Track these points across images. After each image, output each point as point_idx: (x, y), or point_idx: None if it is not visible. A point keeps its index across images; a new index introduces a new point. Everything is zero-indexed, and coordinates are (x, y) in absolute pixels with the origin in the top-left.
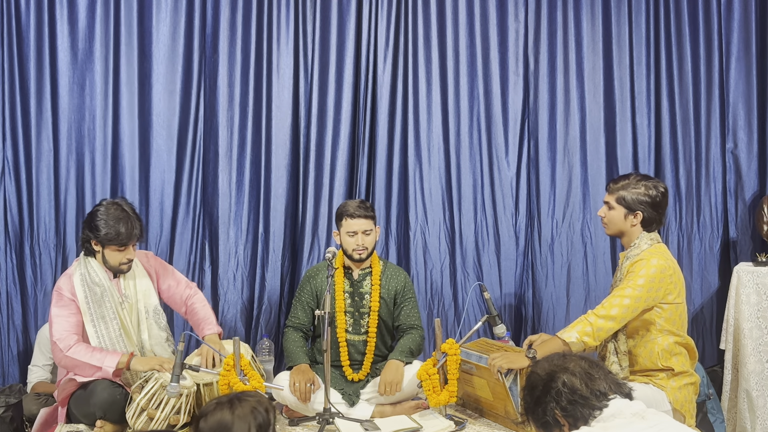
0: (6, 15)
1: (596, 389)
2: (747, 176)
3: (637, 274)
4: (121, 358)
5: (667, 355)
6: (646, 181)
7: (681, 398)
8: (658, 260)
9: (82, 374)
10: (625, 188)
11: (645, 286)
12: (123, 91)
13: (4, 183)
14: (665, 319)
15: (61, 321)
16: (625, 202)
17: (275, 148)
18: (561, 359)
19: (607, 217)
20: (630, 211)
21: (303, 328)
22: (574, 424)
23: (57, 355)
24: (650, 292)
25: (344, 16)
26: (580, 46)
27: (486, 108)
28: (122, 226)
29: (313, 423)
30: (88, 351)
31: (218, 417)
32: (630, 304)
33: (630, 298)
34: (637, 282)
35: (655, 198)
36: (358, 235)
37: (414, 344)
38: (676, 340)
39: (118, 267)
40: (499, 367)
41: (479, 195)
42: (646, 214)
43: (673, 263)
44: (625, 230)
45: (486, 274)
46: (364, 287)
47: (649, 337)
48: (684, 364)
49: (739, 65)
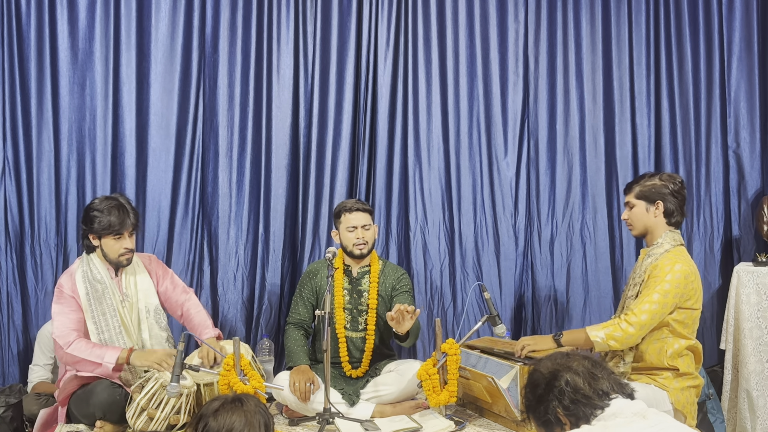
0: (6, 15)
1: (599, 389)
2: (750, 175)
3: (663, 279)
4: (121, 353)
5: (675, 355)
6: (660, 174)
7: (683, 399)
8: (682, 265)
9: (83, 370)
10: (642, 184)
11: (671, 291)
12: (123, 90)
13: (4, 183)
14: (679, 322)
15: (61, 318)
16: (645, 196)
17: (275, 148)
18: (564, 358)
19: (630, 217)
20: (650, 202)
21: (304, 324)
22: (576, 423)
23: (58, 352)
24: (675, 297)
25: (345, 16)
26: (580, 46)
27: (486, 108)
28: (114, 214)
29: (313, 423)
30: (88, 347)
31: (232, 416)
32: (657, 309)
33: (658, 303)
34: (664, 287)
35: (673, 188)
36: (358, 230)
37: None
38: (687, 344)
39: (117, 259)
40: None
41: (479, 195)
42: (666, 203)
43: (695, 268)
44: (650, 224)
45: (486, 274)
46: (362, 285)
47: (660, 336)
48: (689, 366)
49: (740, 65)
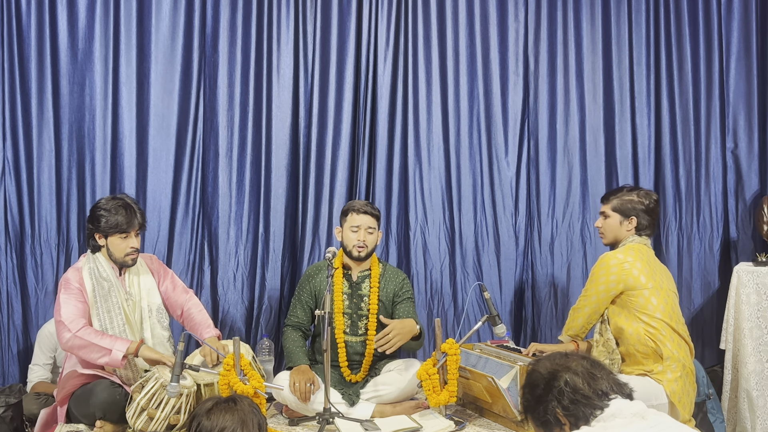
0: (6, 15)
1: (598, 389)
2: (747, 176)
3: (592, 279)
4: (131, 344)
5: (651, 338)
6: (638, 191)
7: (678, 390)
8: (615, 256)
9: (88, 357)
10: (619, 197)
11: (597, 286)
12: (123, 90)
13: (4, 182)
14: (636, 305)
15: (69, 306)
16: (620, 210)
17: (275, 148)
18: (563, 358)
19: (603, 227)
20: (625, 217)
21: (302, 327)
22: (575, 424)
23: (64, 336)
24: (608, 286)
25: (344, 16)
26: (580, 46)
27: (486, 108)
28: (122, 213)
29: (313, 423)
30: (98, 334)
31: (225, 415)
32: (590, 311)
33: (589, 306)
34: (590, 289)
35: (648, 205)
36: (361, 231)
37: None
38: (655, 323)
39: (123, 258)
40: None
41: (479, 195)
42: (640, 219)
43: (634, 253)
44: (621, 237)
45: (486, 274)
46: (362, 289)
47: (630, 325)
48: (673, 349)
49: (739, 65)
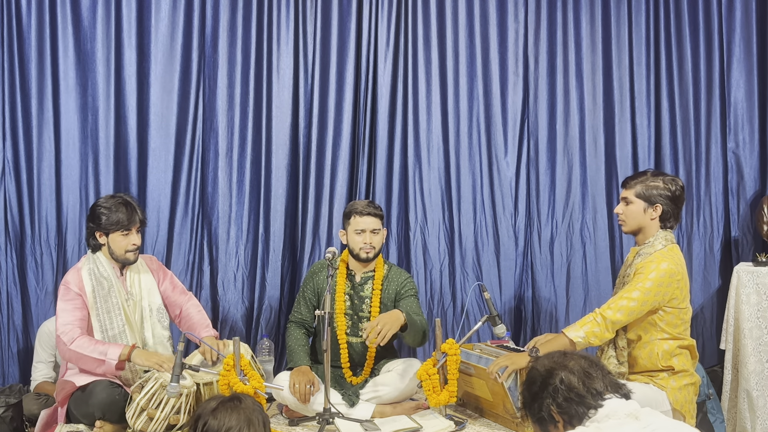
0: (6, 16)
1: (593, 388)
2: (748, 176)
3: (646, 276)
4: (123, 349)
5: (668, 356)
6: (663, 176)
7: (681, 398)
8: (669, 264)
9: (85, 367)
10: (644, 182)
11: (652, 289)
12: (123, 90)
13: (4, 183)
14: (667, 322)
15: (65, 315)
16: (645, 196)
17: (275, 148)
18: (562, 357)
19: (625, 213)
20: (650, 204)
21: (305, 323)
22: (569, 422)
23: (61, 348)
24: (657, 296)
25: (345, 16)
26: (580, 46)
27: (485, 108)
28: (122, 210)
29: (313, 423)
30: (91, 344)
31: (231, 414)
32: (636, 307)
33: (637, 301)
34: (645, 285)
35: (674, 192)
36: (366, 233)
37: (420, 321)
38: (677, 344)
39: (124, 256)
40: (499, 369)
41: (479, 195)
42: (665, 207)
43: (682, 268)
44: (644, 225)
45: (485, 274)
46: (365, 291)
47: (649, 338)
48: (684, 363)
49: (740, 65)
